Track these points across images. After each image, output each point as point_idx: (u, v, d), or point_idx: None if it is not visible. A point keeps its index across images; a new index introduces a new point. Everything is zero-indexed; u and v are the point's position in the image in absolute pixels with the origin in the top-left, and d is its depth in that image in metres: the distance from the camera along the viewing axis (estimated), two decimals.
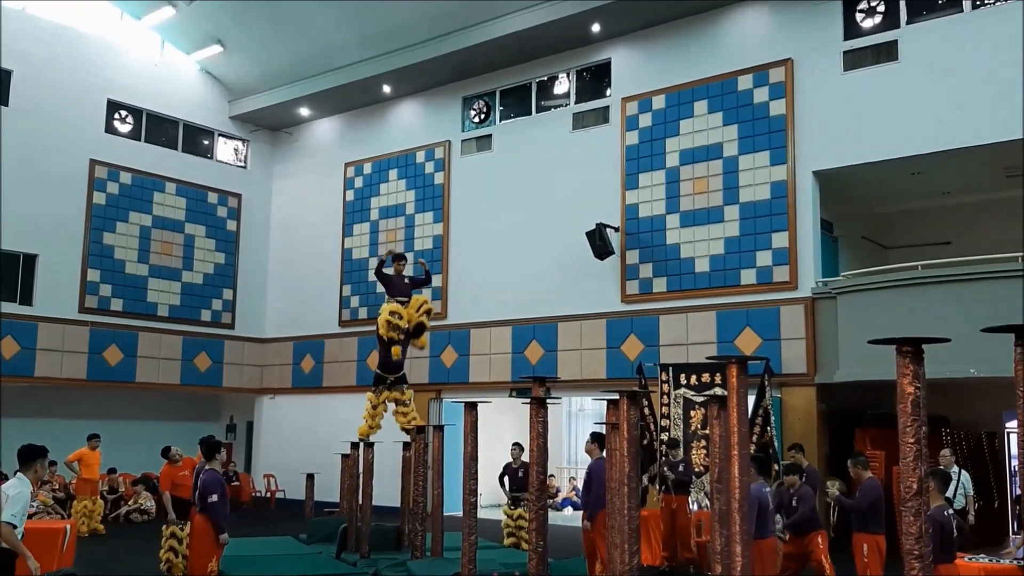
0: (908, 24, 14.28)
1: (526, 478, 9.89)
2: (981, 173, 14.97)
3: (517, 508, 12.76)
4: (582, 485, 12.16)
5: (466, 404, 8.24)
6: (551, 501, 18.79)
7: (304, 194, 22.59)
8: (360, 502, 11.33)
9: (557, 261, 17.37)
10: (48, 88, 19.19)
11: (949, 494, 10.86)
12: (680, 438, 13.58)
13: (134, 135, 21.02)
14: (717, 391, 12.74)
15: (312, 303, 21.72)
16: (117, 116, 20.73)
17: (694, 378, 14.28)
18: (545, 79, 18.58)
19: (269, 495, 21.07)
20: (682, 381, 14.41)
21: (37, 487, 9.06)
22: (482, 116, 19.49)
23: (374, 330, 12.10)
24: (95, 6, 20.32)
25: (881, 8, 14.59)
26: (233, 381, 22.05)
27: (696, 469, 13.05)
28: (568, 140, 17.80)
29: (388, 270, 12.39)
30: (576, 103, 17.99)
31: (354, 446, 12.14)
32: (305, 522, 14.06)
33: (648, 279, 16.22)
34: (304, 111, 22.05)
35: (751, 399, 12.68)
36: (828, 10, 14.97)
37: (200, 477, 8.75)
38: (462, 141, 19.56)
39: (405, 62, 19.05)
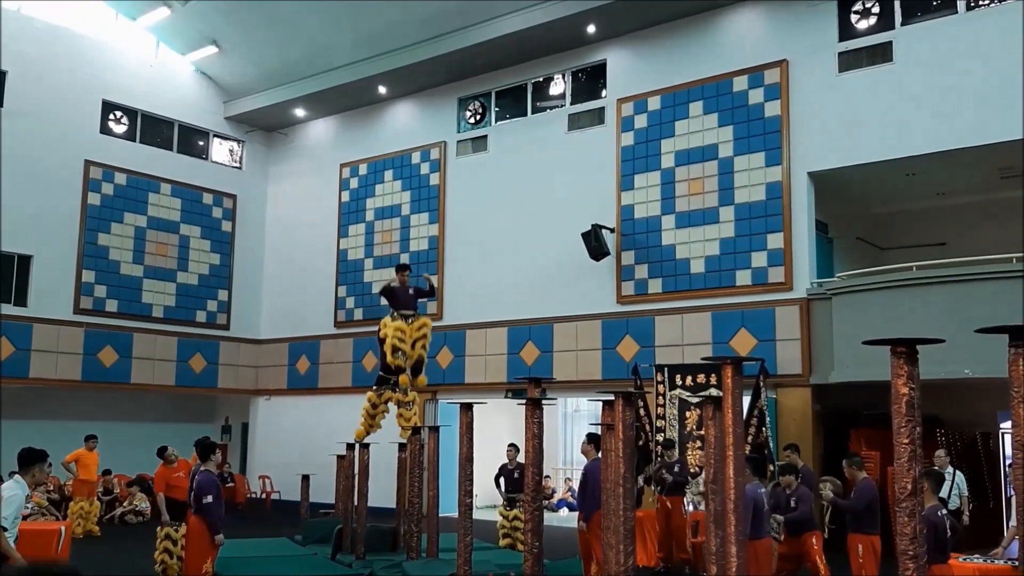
0: (903, 25, 14.31)
1: (522, 479, 9.89)
2: (976, 174, 15.00)
3: (513, 509, 12.76)
4: (578, 486, 12.16)
5: (462, 405, 8.25)
6: (546, 502, 18.79)
7: (299, 195, 22.57)
8: (356, 503, 11.33)
9: (553, 262, 17.38)
10: (43, 89, 19.15)
11: (944, 494, 10.90)
12: (676, 439, 13.59)
13: (129, 136, 20.99)
14: (712, 392, 12.75)
15: (307, 304, 21.70)
16: (112, 117, 20.70)
17: (689, 379, 14.30)
18: (540, 80, 18.58)
19: (264, 496, 21.03)
20: (678, 382, 14.43)
21: (33, 490, 9.03)
22: (478, 117, 19.49)
23: (369, 331, 12.12)
24: (90, 7, 20.28)
25: (876, 9, 14.62)
26: (228, 382, 22.02)
27: (692, 470, 13.06)
28: (564, 141, 17.81)
29: (393, 283, 12.33)
30: (572, 104, 17.99)
31: (350, 447, 12.14)
32: (300, 523, 14.05)
33: (644, 280, 16.23)
34: (299, 112, 22.03)
35: (746, 400, 12.70)
36: (823, 11, 14.99)
37: (195, 478, 8.74)
38: (458, 142, 19.56)
39: (400, 63, 19.04)
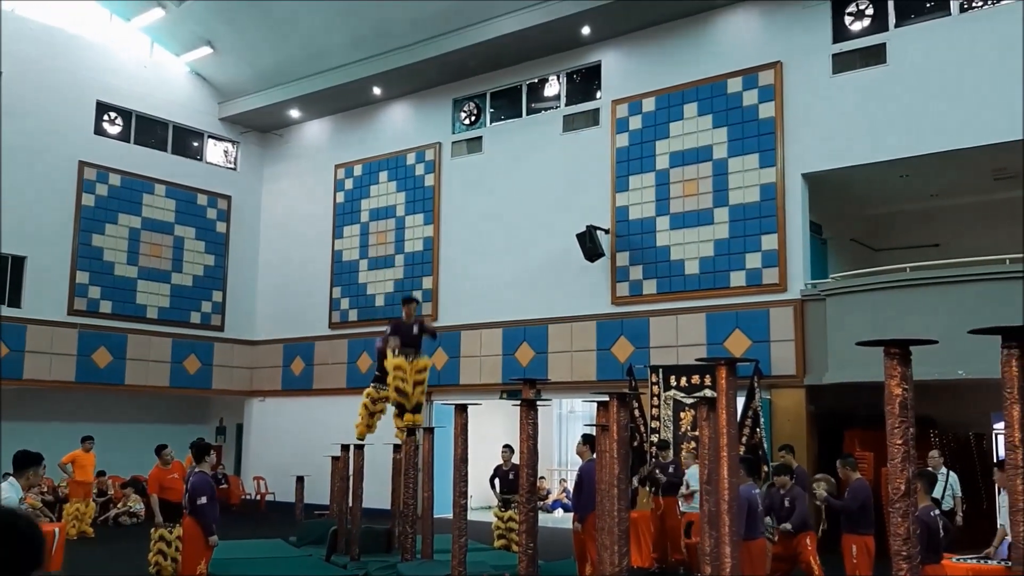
0: (896, 27, 14.35)
1: (516, 480, 9.90)
2: (970, 175, 15.04)
3: (507, 510, 12.75)
4: (573, 487, 12.17)
5: (457, 406, 8.25)
6: (541, 503, 18.80)
7: (294, 196, 22.56)
8: (350, 504, 11.32)
9: (547, 263, 17.39)
10: (37, 89, 19.11)
11: (937, 495, 10.92)
12: (670, 440, 13.61)
13: (123, 137, 20.96)
14: (707, 393, 12.78)
15: (302, 305, 21.68)
16: (106, 118, 20.67)
17: (684, 380, 14.32)
18: (535, 81, 18.60)
19: (259, 497, 21.01)
20: (672, 383, 14.45)
21: (26, 492, 9.00)
22: (472, 118, 19.49)
23: (364, 332, 12.06)
24: (84, 8, 20.26)
25: (870, 11, 14.66)
26: (223, 383, 22.00)
27: (686, 470, 13.06)
28: (558, 142, 17.82)
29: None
30: (566, 105, 18.01)
31: (344, 448, 12.12)
32: (295, 524, 14.03)
33: (638, 281, 16.25)
34: (294, 113, 22.02)
35: (741, 401, 12.73)
36: (817, 13, 15.03)
37: (190, 480, 8.73)
38: (452, 143, 19.56)
39: (395, 64, 19.04)
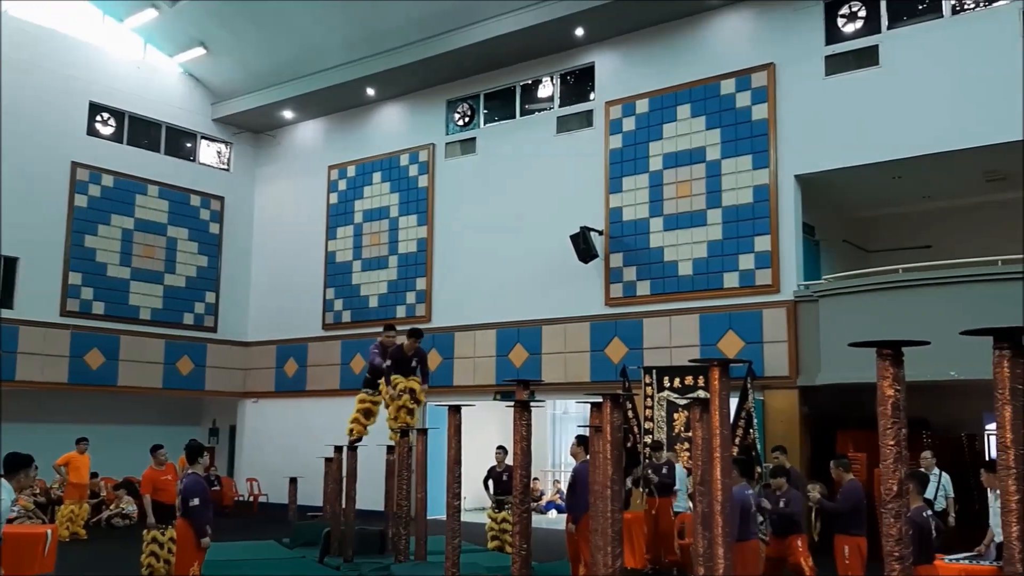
0: (889, 29, 14.38)
1: (510, 481, 9.90)
2: (962, 177, 15.09)
3: (501, 511, 12.75)
4: (566, 488, 12.17)
5: (450, 408, 8.25)
6: (535, 504, 18.80)
7: (287, 197, 22.53)
8: (344, 506, 11.31)
9: (541, 264, 17.39)
10: (29, 90, 19.05)
11: (930, 496, 10.95)
12: (663, 441, 13.62)
13: (116, 137, 20.91)
14: (700, 394, 12.79)
15: (295, 306, 21.65)
16: (99, 118, 20.61)
17: (677, 381, 14.34)
18: (529, 82, 18.61)
19: (252, 499, 20.97)
20: (665, 384, 14.47)
21: (18, 494, 8.97)
22: (466, 119, 19.49)
23: (358, 334, 12.03)
24: (77, 8, 20.21)
25: (862, 13, 14.69)
26: (216, 385, 21.95)
27: None
28: (552, 143, 17.83)
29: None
30: (560, 107, 18.02)
31: (337, 450, 12.11)
32: (288, 526, 14.02)
33: (632, 282, 16.26)
34: (287, 114, 21.99)
35: (734, 402, 12.74)
36: (810, 15, 15.06)
37: (182, 481, 8.72)
38: (446, 144, 19.56)
39: (389, 65, 19.02)
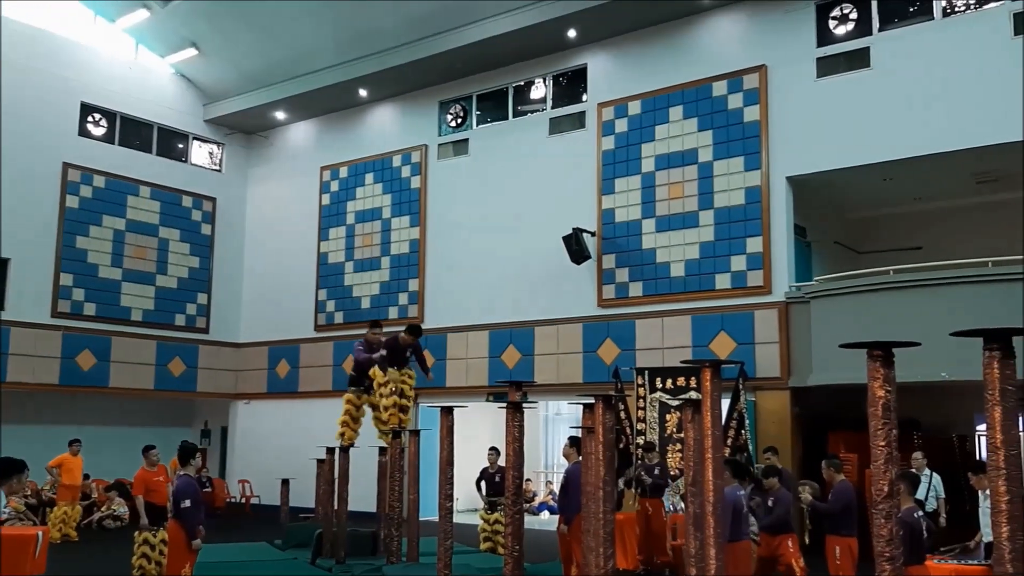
0: (880, 31, 14.44)
1: (503, 482, 9.89)
2: (952, 179, 15.16)
3: (494, 513, 12.75)
4: (559, 489, 12.18)
5: (442, 409, 8.25)
6: (527, 505, 18.81)
7: (280, 198, 22.49)
8: (336, 507, 11.30)
9: (534, 265, 17.41)
10: (21, 90, 18.96)
11: (920, 496, 10.98)
12: (656, 442, 13.64)
13: (108, 138, 20.85)
14: (692, 395, 12.81)
15: (288, 307, 21.62)
16: (91, 119, 20.55)
17: (669, 382, 14.35)
18: (522, 84, 18.62)
19: (244, 501, 20.93)
20: (658, 385, 14.48)
21: (9, 498, 8.95)
22: (459, 120, 19.50)
23: (350, 335, 11.99)
24: (68, 8, 20.15)
25: (854, 15, 14.75)
26: (208, 386, 21.90)
27: (671, 472, 13.12)
28: (545, 145, 17.85)
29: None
30: (552, 108, 18.04)
31: (330, 451, 12.10)
32: (280, 528, 14.00)
33: (624, 283, 16.28)
34: (280, 114, 21.96)
35: (726, 403, 12.77)
36: (802, 17, 15.11)
37: (174, 482, 8.71)
38: (439, 145, 19.56)
39: (381, 66, 19.01)
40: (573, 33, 17.03)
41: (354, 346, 12.04)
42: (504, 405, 7.04)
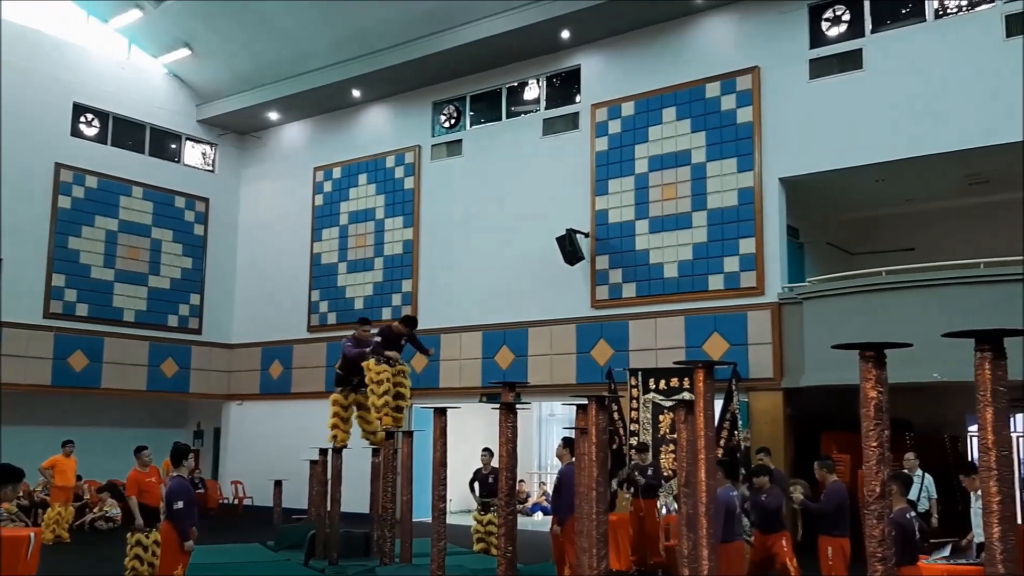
0: (872, 33, 14.48)
1: (496, 483, 9.89)
2: (945, 180, 15.20)
3: (487, 514, 12.75)
4: (552, 490, 12.19)
5: (435, 410, 8.24)
6: (521, 506, 18.80)
7: (273, 198, 22.46)
8: (329, 508, 11.29)
9: (527, 266, 17.41)
10: (12, 91, 18.88)
11: (913, 497, 11.02)
12: (649, 442, 13.66)
13: (100, 139, 20.79)
14: (685, 395, 12.84)
15: (280, 308, 21.58)
16: (83, 119, 20.49)
17: (663, 383, 14.38)
18: (515, 85, 18.62)
19: (236, 502, 20.88)
20: (651, 386, 14.50)
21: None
22: (452, 121, 19.49)
23: (343, 336, 11.96)
24: (61, 8, 20.09)
25: (846, 17, 14.79)
26: (200, 387, 21.86)
27: (665, 473, 13.13)
28: (538, 146, 17.85)
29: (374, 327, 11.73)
30: (546, 109, 18.04)
31: (323, 452, 12.09)
32: (273, 529, 13.97)
33: (618, 284, 16.29)
34: (273, 115, 21.93)
35: (719, 404, 12.79)
36: (794, 19, 15.14)
37: (167, 483, 8.69)
38: (432, 146, 19.55)
39: (375, 66, 19.00)
40: (566, 34, 17.04)
41: (343, 343, 12.04)
42: (497, 406, 7.05)
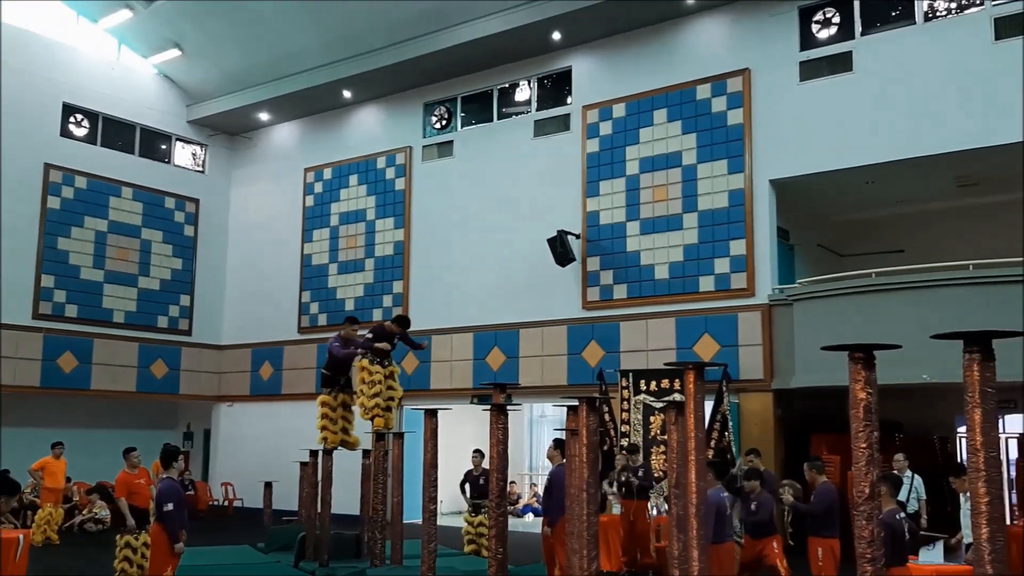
0: (862, 35, 14.53)
1: (487, 485, 9.88)
2: (934, 182, 15.27)
3: (478, 515, 12.75)
4: (543, 491, 12.18)
5: (426, 411, 8.25)
6: (511, 508, 18.79)
7: (263, 199, 22.41)
8: (319, 510, 11.27)
9: (518, 268, 17.41)
10: (2, 91, 18.82)
11: (902, 498, 11.06)
12: (640, 444, 13.67)
13: (90, 139, 20.71)
14: (676, 397, 12.85)
15: (271, 309, 21.53)
16: (72, 120, 20.41)
17: (653, 384, 14.39)
18: (506, 86, 18.63)
19: (227, 503, 20.83)
20: (642, 387, 14.51)
21: None
22: (443, 122, 19.48)
23: (335, 337, 11.88)
24: (50, 8, 20.02)
25: (836, 19, 14.84)
26: (190, 388, 21.79)
27: (655, 474, 13.14)
28: (529, 147, 17.86)
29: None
30: (537, 110, 18.05)
31: (313, 454, 12.06)
32: (263, 530, 13.95)
33: (608, 286, 16.31)
34: (263, 116, 21.88)
35: (709, 405, 12.80)
36: (785, 21, 15.18)
37: (157, 485, 8.67)
38: (423, 147, 19.53)
39: (366, 67, 18.98)
40: (558, 36, 17.05)
41: (330, 342, 11.77)
42: (488, 407, 7.05)
